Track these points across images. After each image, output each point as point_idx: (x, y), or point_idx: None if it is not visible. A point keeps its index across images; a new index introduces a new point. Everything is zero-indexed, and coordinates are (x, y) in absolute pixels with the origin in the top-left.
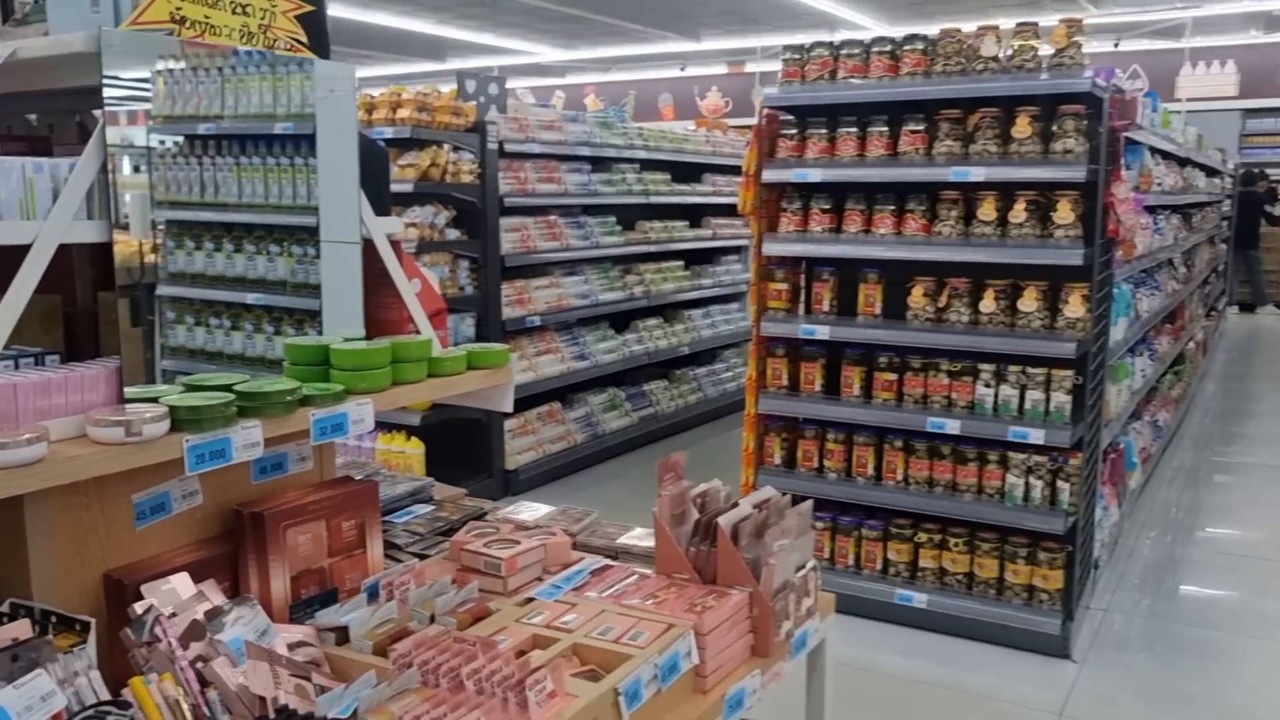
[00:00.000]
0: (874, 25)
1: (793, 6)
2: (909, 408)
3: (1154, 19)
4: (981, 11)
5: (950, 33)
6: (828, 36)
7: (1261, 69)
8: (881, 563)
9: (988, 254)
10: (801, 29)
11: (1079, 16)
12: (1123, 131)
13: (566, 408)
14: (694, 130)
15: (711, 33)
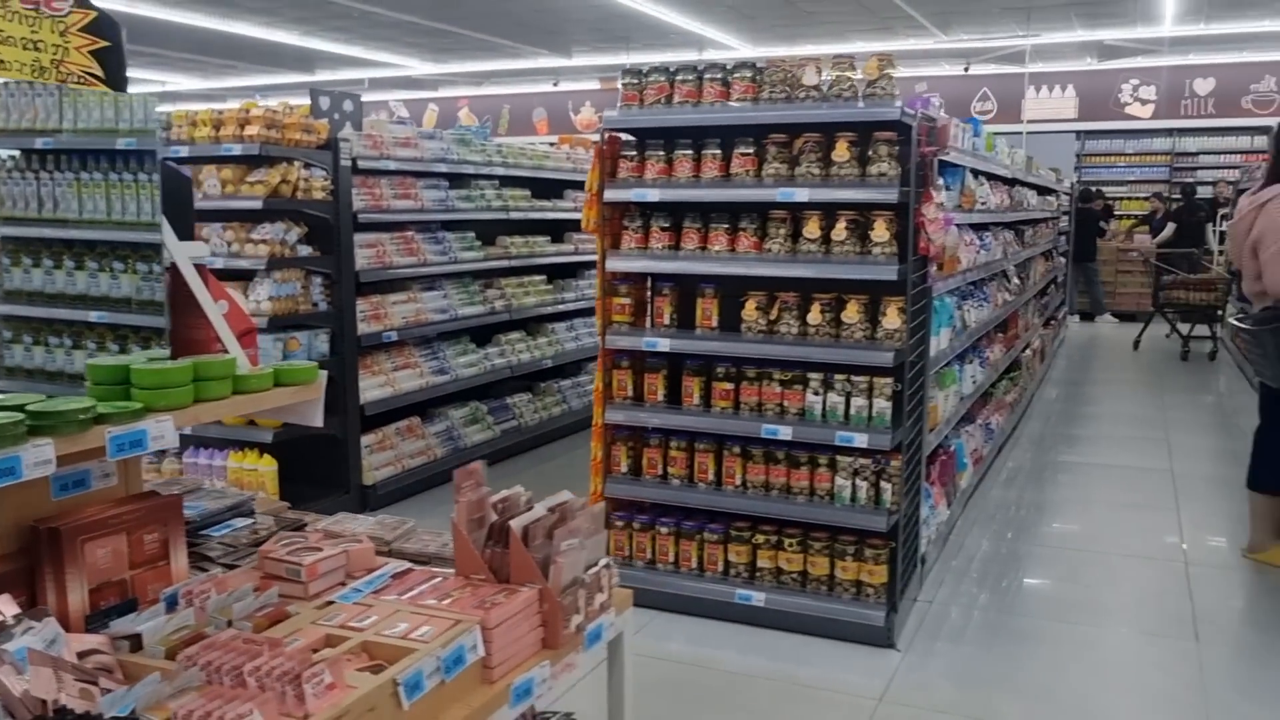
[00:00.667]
0: (740, 46)
1: (661, 26)
2: (745, 415)
3: (998, 45)
4: (840, 35)
5: (776, 62)
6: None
7: (1097, 94)
8: (723, 564)
9: (813, 270)
10: (671, 47)
11: (928, 44)
12: (933, 156)
13: (427, 422)
14: (556, 147)
15: (583, 49)
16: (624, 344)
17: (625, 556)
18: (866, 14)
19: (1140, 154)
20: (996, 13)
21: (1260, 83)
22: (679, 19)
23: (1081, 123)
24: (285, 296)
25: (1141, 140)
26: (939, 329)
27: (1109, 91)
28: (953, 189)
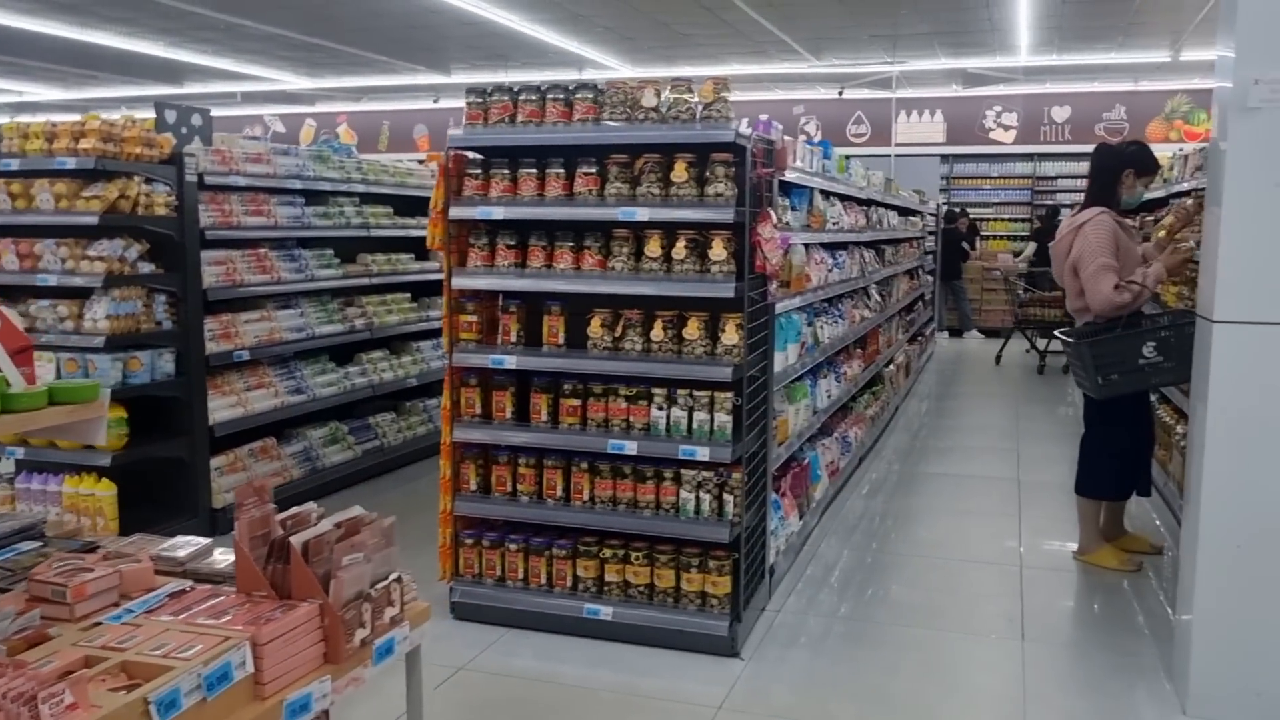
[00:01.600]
0: (619, 66)
1: (540, 46)
2: (592, 431)
3: (867, 71)
4: (716, 58)
5: (616, 84)
6: (575, 75)
7: (963, 119)
8: (571, 579)
9: (655, 287)
10: (551, 66)
11: (802, 68)
12: (770, 177)
13: (282, 442)
14: (422, 164)
15: (461, 67)
16: (472, 362)
17: (475, 574)
18: (741, 38)
19: (1004, 177)
20: (865, 39)
21: (1111, 111)
22: (557, 39)
23: (949, 146)
24: (125, 315)
25: (1005, 164)
26: (785, 344)
27: (974, 117)
28: (799, 209)
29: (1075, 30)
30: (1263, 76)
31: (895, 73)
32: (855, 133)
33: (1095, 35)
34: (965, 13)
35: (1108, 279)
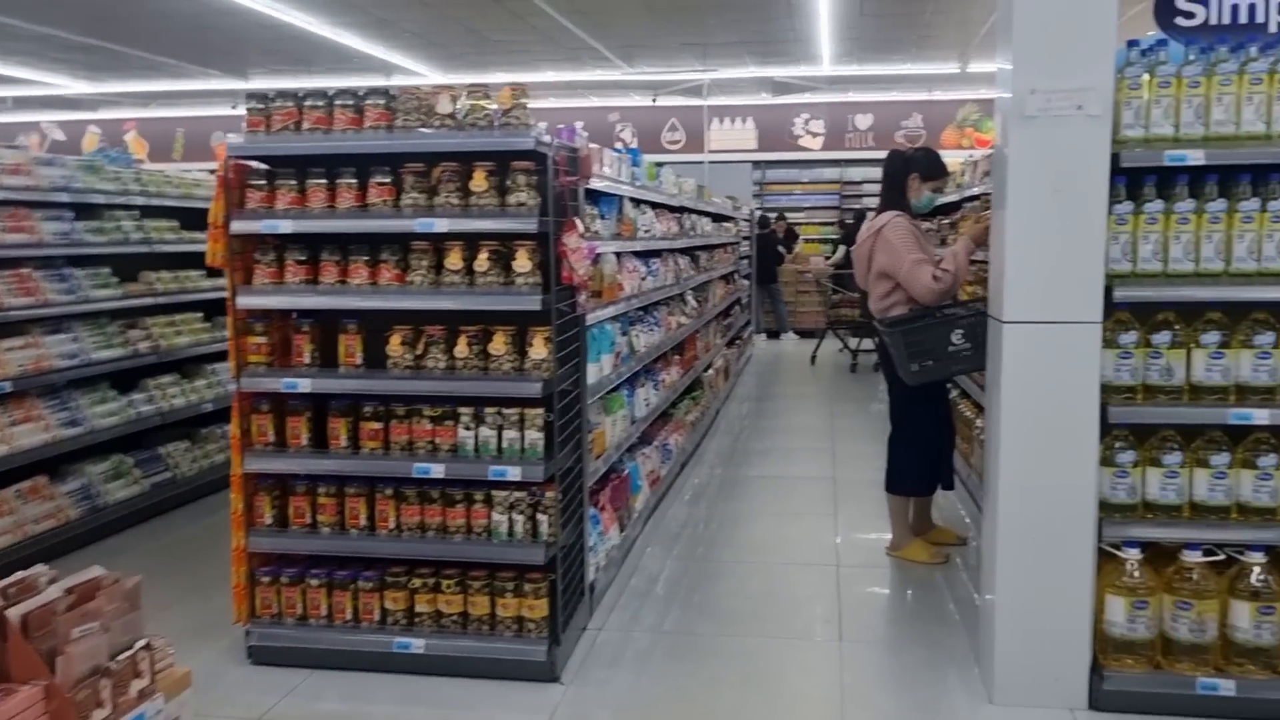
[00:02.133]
0: (429, 73)
1: (343, 51)
2: (396, 455)
3: (679, 79)
4: (529, 65)
5: (409, 90)
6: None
7: (774, 127)
8: (380, 613)
9: (458, 301)
10: (356, 73)
11: (615, 75)
12: (574, 185)
13: (56, 481)
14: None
15: (260, 72)
16: (263, 386)
17: (274, 614)
18: (552, 45)
19: (813, 182)
20: (676, 47)
21: (910, 119)
22: (361, 44)
23: (761, 153)
24: None
25: (814, 170)
26: (598, 356)
27: (784, 124)
28: (609, 218)
29: (872, 42)
30: (1038, 86)
31: (707, 80)
32: (670, 140)
33: (890, 47)
34: (771, 23)
35: (925, 270)
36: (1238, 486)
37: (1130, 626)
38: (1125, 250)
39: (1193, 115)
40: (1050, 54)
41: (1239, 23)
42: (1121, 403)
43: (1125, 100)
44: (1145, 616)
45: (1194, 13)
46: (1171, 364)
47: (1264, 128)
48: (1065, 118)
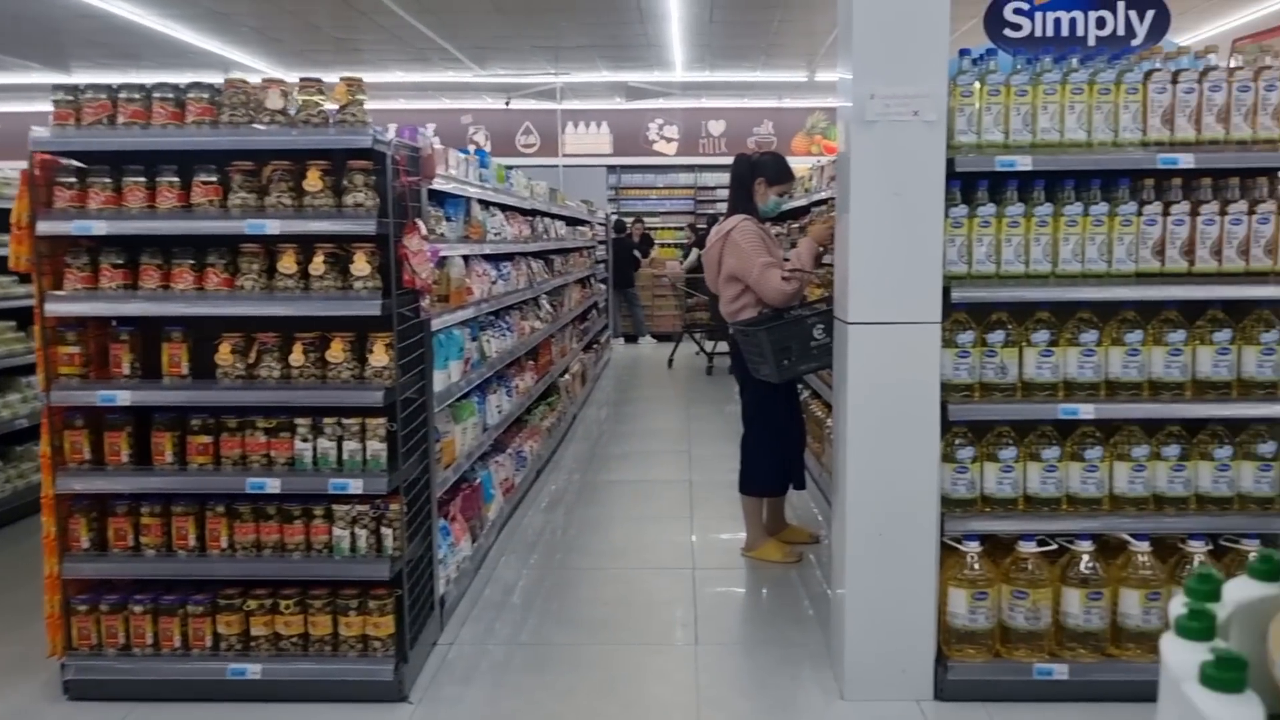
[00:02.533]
0: (270, 71)
1: (175, 45)
2: (228, 470)
3: (532, 82)
4: (377, 64)
5: (235, 83)
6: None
7: (629, 131)
8: (212, 638)
9: (293, 307)
10: (191, 68)
11: (467, 77)
12: (415, 186)
13: None
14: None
15: (84, 65)
16: (76, 400)
17: (93, 645)
18: (400, 44)
19: (669, 187)
20: (528, 50)
21: (761, 126)
22: (193, 38)
23: (616, 157)
24: None
25: (669, 175)
26: (446, 362)
27: (639, 129)
28: (455, 220)
29: (723, 49)
30: (877, 92)
31: (560, 84)
32: (525, 143)
33: (741, 54)
34: (622, 28)
35: (774, 273)
36: (1067, 479)
37: (971, 617)
38: (961, 252)
39: (1021, 123)
40: (888, 61)
41: (1061, 35)
42: (960, 400)
43: (959, 107)
44: (985, 607)
45: (1021, 25)
46: (1005, 362)
47: (1085, 136)
48: (903, 123)
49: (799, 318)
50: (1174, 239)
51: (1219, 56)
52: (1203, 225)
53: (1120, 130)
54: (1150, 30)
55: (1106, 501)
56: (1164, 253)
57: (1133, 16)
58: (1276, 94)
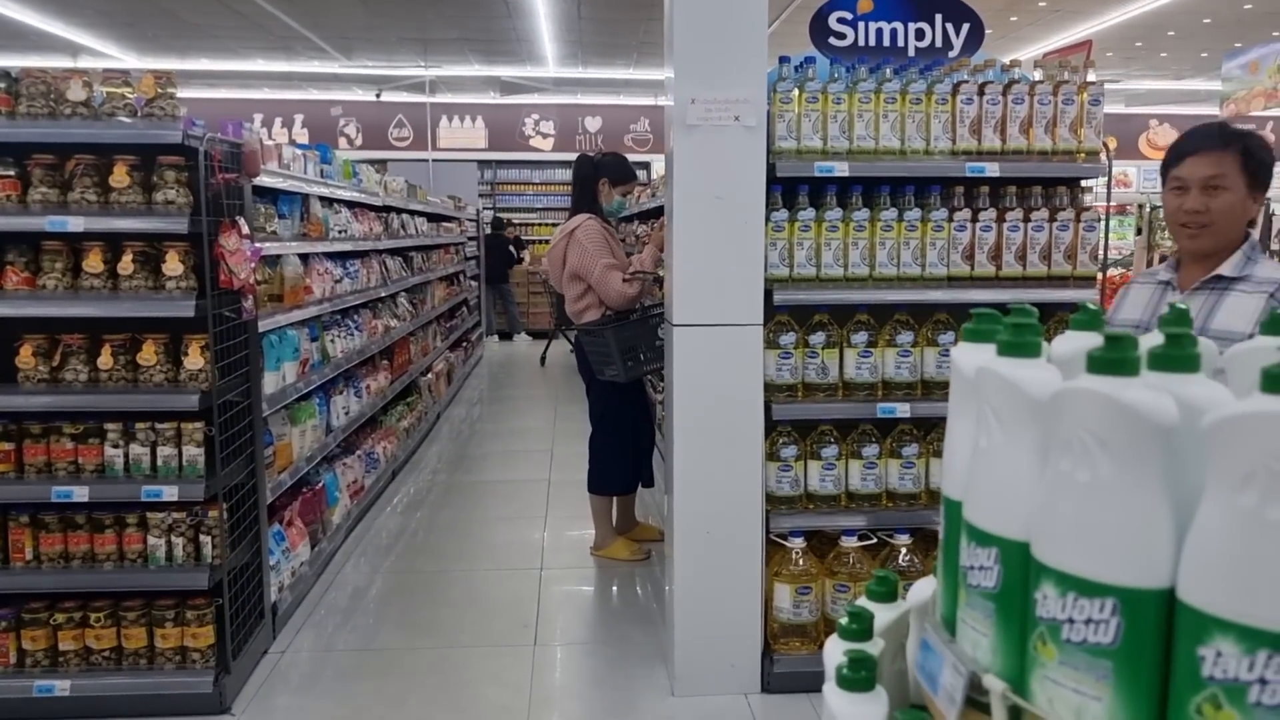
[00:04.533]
0: (123, 56)
1: (16, 27)
2: (32, 478)
3: (402, 75)
4: (236, 53)
5: (34, 73)
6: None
7: (504, 127)
8: (16, 655)
9: (101, 308)
10: (37, 51)
11: (333, 68)
12: (235, 183)
13: None
14: None
15: None
16: None
17: None
18: (260, 32)
19: (545, 183)
20: (395, 41)
21: (637, 123)
22: (36, 19)
23: (492, 153)
24: None
25: (545, 170)
26: (278, 363)
27: (514, 125)
28: (289, 217)
29: (594, 45)
30: (698, 96)
31: (430, 77)
32: (398, 136)
33: (613, 52)
34: (490, 21)
35: (615, 275)
36: (886, 475)
37: (796, 611)
38: (783, 256)
39: (838, 130)
40: (708, 66)
41: (883, 45)
42: (784, 400)
43: (779, 113)
44: (809, 601)
45: (845, 34)
46: (826, 362)
47: (899, 144)
48: (724, 128)
49: (644, 318)
50: (982, 244)
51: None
52: (1008, 232)
53: (932, 139)
54: (965, 42)
55: (924, 496)
56: (973, 257)
57: (950, 29)
58: (1074, 107)
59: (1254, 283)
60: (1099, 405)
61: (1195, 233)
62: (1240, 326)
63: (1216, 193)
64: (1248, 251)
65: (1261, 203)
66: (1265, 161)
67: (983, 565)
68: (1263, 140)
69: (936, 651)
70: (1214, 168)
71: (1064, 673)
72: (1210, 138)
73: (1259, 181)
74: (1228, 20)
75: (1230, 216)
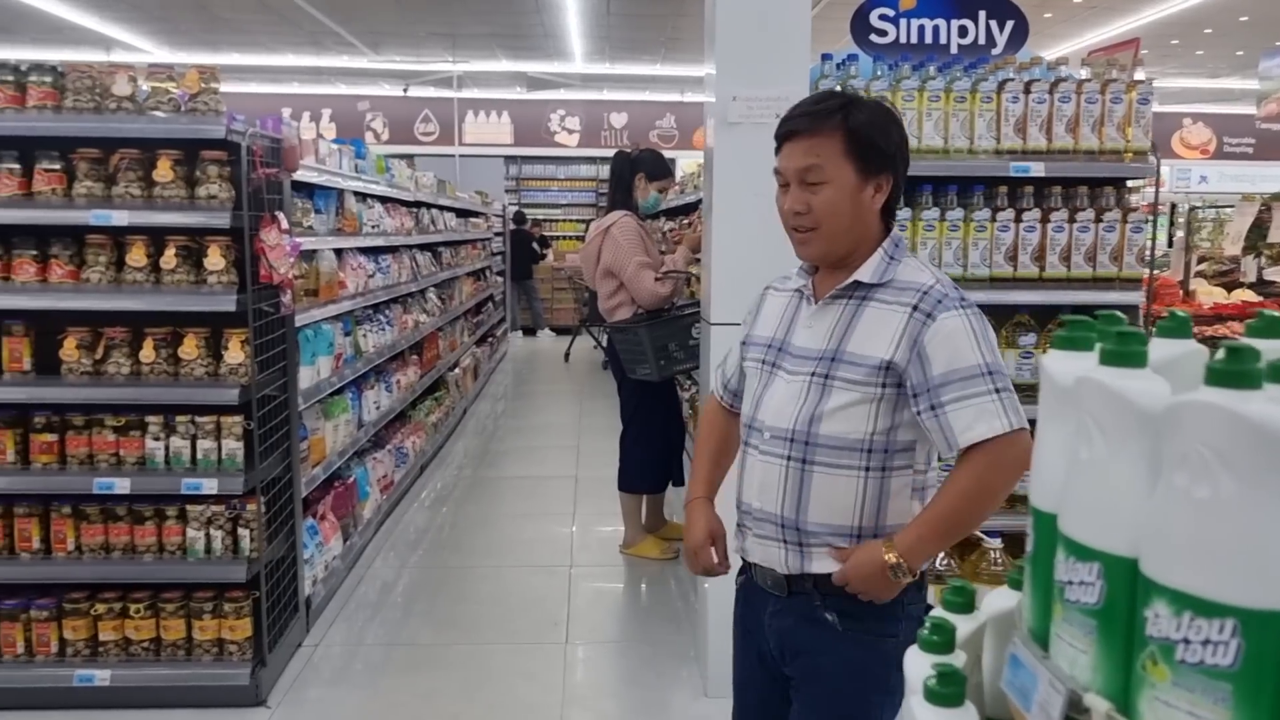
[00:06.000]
0: (155, 50)
1: (50, 20)
2: (74, 470)
3: (429, 70)
4: (268, 48)
5: (80, 67)
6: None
7: (530, 122)
8: (58, 644)
9: (143, 301)
10: (69, 45)
11: (362, 63)
12: (274, 178)
13: None
14: None
15: None
16: None
17: None
18: (291, 27)
19: (570, 179)
20: (423, 36)
21: (663, 119)
22: (70, 13)
23: (517, 148)
24: None
25: (570, 166)
26: (314, 358)
27: (540, 120)
28: (325, 212)
29: (622, 41)
30: (740, 94)
31: (458, 72)
32: (424, 131)
33: (641, 48)
34: (519, 17)
35: (647, 274)
36: None
37: None
38: None
39: None
40: (750, 63)
41: (925, 43)
42: None
43: None
44: None
45: (886, 31)
46: None
47: (942, 142)
48: (765, 125)
49: (678, 316)
50: (1026, 245)
51: (1071, 68)
52: (1053, 232)
53: (976, 138)
54: (1009, 40)
55: None
56: (1016, 258)
57: (993, 26)
58: (1122, 106)
59: (896, 289)
60: (1220, 420)
61: (805, 238)
62: (877, 351)
63: (817, 188)
64: (890, 250)
65: (886, 188)
66: (874, 140)
67: (1083, 580)
68: (876, 106)
69: (1029, 667)
70: (807, 156)
71: (1178, 695)
72: (804, 116)
73: (872, 164)
74: (1266, 18)
75: (838, 216)
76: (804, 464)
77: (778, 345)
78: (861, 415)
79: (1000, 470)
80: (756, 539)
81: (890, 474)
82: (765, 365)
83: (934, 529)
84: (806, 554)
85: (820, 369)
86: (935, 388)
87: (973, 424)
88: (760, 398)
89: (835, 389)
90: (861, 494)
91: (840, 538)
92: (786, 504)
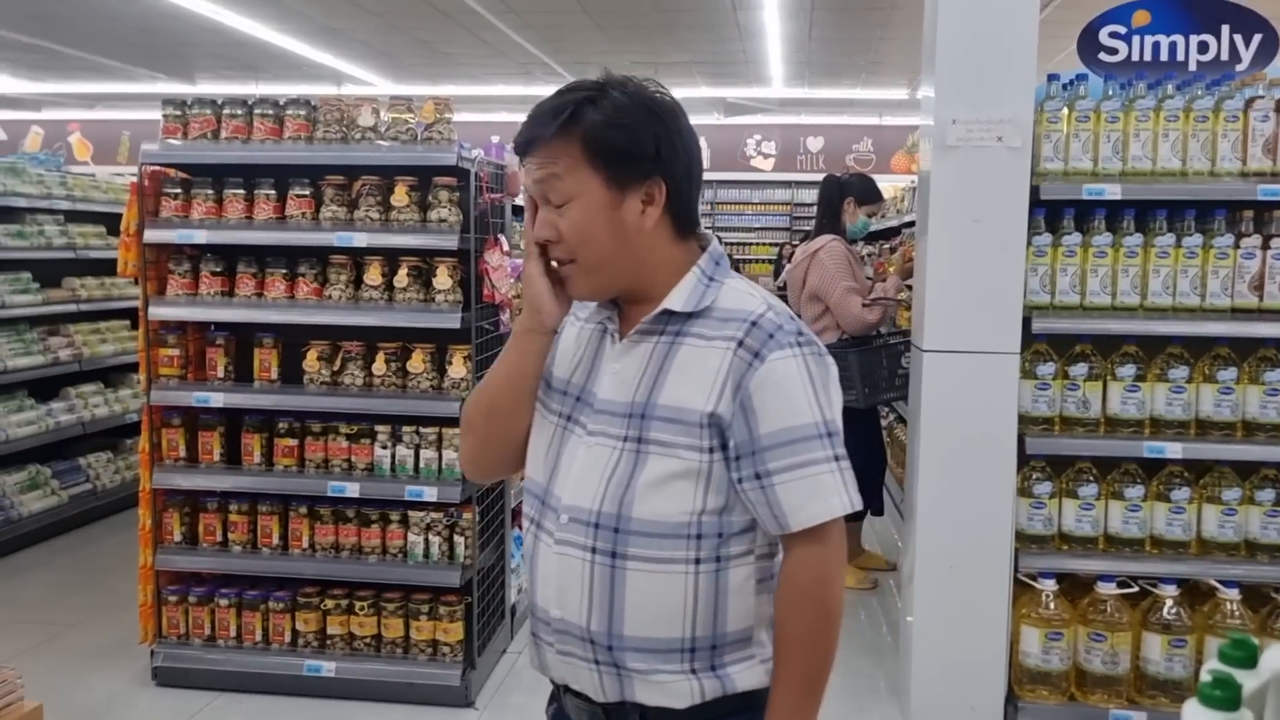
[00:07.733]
0: (380, 82)
1: (291, 58)
2: (311, 473)
3: None
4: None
5: (330, 100)
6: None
7: (726, 147)
8: (290, 635)
9: (377, 318)
10: (305, 80)
11: (449, 95)
12: (499, 202)
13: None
14: None
15: (207, 76)
16: (174, 400)
17: (181, 635)
18: (504, 59)
19: (764, 203)
20: (627, 65)
21: (860, 143)
22: (309, 51)
23: (713, 173)
24: None
25: (765, 191)
26: None
27: (736, 145)
28: None
29: (822, 65)
30: (960, 116)
31: None
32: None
33: (840, 71)
34: (721, 44)
35: (854, 300)
36: (1151, 519)
37: (1045, 657)
38: (1044, 282)
39: (1111, 150)
40: (971, 84)
41: (1160, 60)
42: (1039, 433)
43: (1045, 133)
44: (1059, 648)
45: (1116, 49)
46: (1088, 395)
47: (1179, 164)
48: (986, 148)
49: (888, 343)
50: (1273, 274)
51: None
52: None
53: (1218, 159)
54: (1256, 55)
55: (1194, 545)
56: (1262, 288)
57: (1238, 40)
58: None
59: (717, 320)
60: None
61: (564, 271)
62: (695, 401)
63: (563, 209)
64: (708, 269)
65: (659, 197)
66: (616, 142)
67: None
68: (625, 97)
69: None
70: (543, 168)
71: None
72: (534, 120)
73: (625, 170)
74: None
75: (594, 242)
76: (613, 558)
77: (575, 394)
78: (686, 491)
79: (836, 580)
80: (559, 655)
81: (727, 565)
82: (561, 419)
83: (806, 694)
84: (626, 677)
85: (632, 430)
86: (761, 450)
87: (805, 503)
88: (556, 465)
89: (651, 456)
90: (692, 595)
91: (668, 654)
92: (595, 614)
